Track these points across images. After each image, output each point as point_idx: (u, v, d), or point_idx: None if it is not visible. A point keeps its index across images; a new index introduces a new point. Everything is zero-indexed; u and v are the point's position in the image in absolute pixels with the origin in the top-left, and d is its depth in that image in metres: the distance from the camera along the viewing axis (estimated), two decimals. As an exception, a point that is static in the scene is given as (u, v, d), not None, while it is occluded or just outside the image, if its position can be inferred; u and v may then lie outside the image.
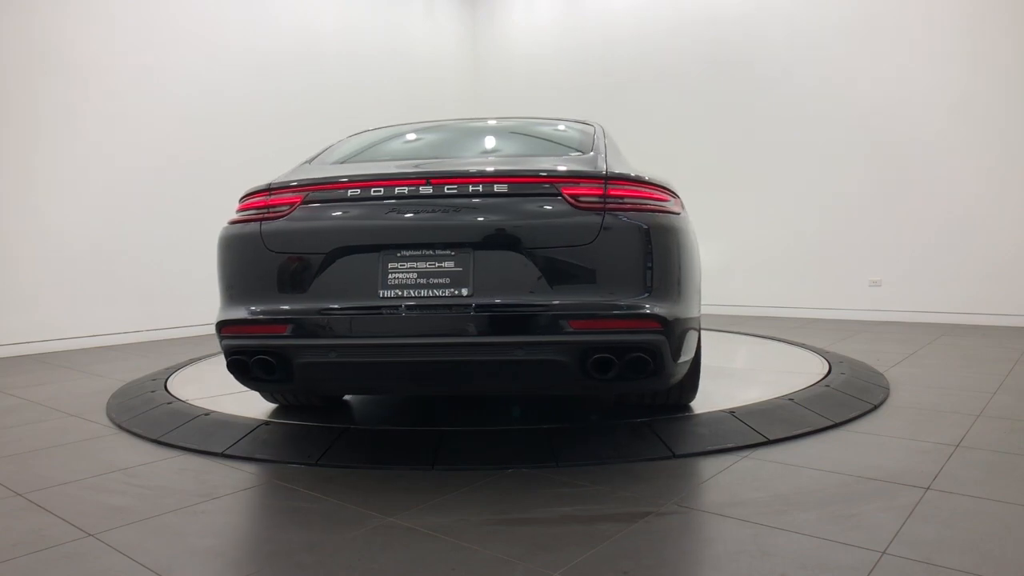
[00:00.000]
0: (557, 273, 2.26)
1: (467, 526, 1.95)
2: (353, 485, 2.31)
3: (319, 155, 3.01)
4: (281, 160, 3.89)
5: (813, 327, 6.20)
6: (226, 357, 2.46)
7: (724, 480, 2.28)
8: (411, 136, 3.28)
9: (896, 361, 4.38)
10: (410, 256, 2.31)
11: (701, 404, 2.99)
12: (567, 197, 2.29)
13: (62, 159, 5.69)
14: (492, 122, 3.39)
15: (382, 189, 2.36)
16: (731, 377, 3.65)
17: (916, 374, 3.98)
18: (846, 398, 3.20)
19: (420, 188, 2.34)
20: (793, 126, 7.16)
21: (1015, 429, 2.83)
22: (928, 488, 2.17)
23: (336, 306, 2.33)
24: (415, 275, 2.30)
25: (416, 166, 2.57)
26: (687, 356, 2.50)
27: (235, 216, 2.57)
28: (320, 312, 2.33)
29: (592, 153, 2.66)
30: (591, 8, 8.51)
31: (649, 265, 2.29)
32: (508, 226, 2.29)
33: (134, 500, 2.21)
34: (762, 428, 2.73)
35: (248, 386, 2.61)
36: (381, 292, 2.30)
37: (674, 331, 2.31)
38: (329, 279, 2.35)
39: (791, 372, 3.79)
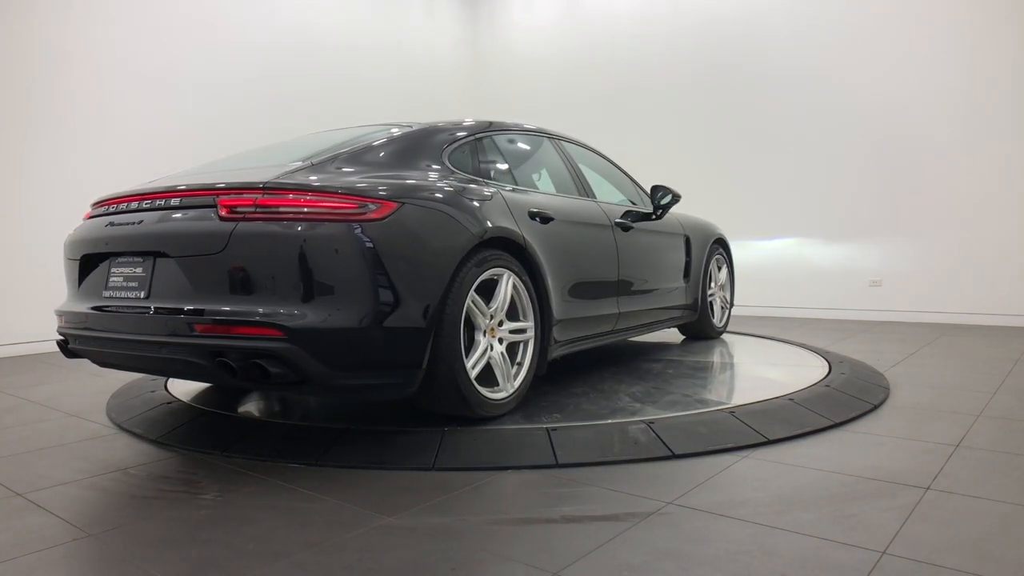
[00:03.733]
0: (200, 280, 2.41)
1: (467, 526, 1.95)
2: (353, 485, 2.31)
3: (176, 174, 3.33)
4: (281, 160, 3.88)
5: (813, 327, 6.20)
6: None
7: (724, 480, 2.28)
8: (233, 153, 3.50)
9: (896, 361, 4.38)
10: (122, 263, 2.67)
11: (701, 404, 2.99)
12: (220, 208, 2.41)
13: (59, 158, 5.70)
14: (319, 135, 3.42)
15: (116, 205, 2.78)
16: (731, 377, 3.65)
17: (916, 374, 3.98)
18: (846, 398, 3.20)
19: (132, 204, 2.70)
20: (793, 126, 7.16)
21: (1015, 429, 2.83)
22: (928, 488, 2.17)
23: (81, 303, 2.80)
24: (122, 279, 2.66)
25: (160, 182, 2.88)
26: (386, 367, 2.47)
27: None
28: (75, 308, 2.82)
29: (305, 162, 2.69)
30: (591, 8, 8.52)
31: (287, 273, 2.32)
32: (172, 236, 2.50)
33: (134, 500, 2.21)
34: (762, 428, 2.73)
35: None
36: (104, 293, 2.70)
37: (318, 340, 2.30)
38: (86, 281, 2.84)
39: (791, 372, 3.78)
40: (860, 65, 6.75)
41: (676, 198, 4.23)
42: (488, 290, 2.82)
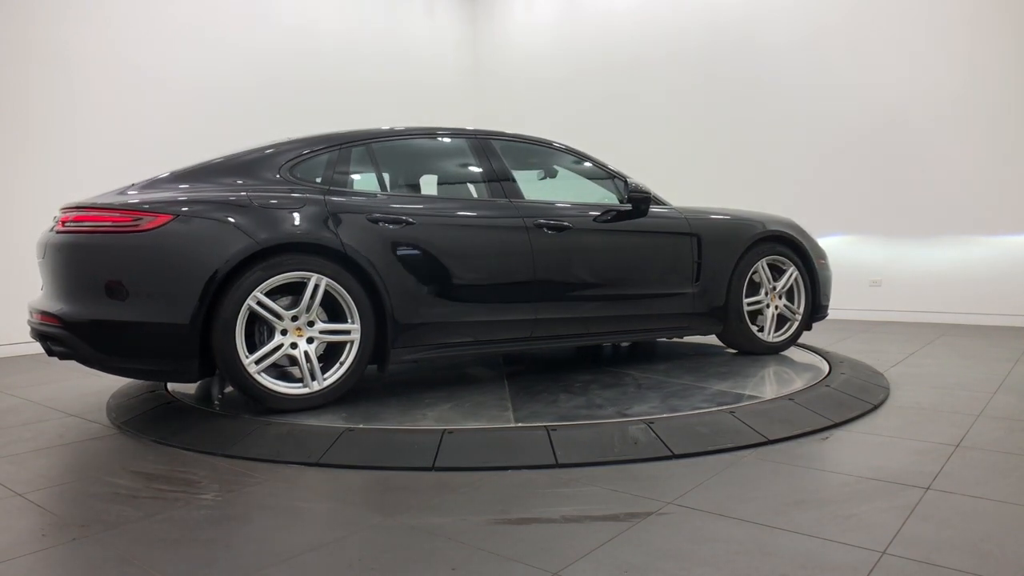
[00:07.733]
0: (44, 279, 3.12)
1: (467, 526, 1.95)
2: (353, 485, 2.31)
3: None
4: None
5: (813, 327, 6.19)
6: None
7: (724, 480, 2.28)
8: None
9: (896, 361, 4.38)
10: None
11: (701, 403, 2.99)
12: (58, 224, 3.00)
13: (59, 159, 5.69)
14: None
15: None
16: (731, 377, 3.65)
17: (916, 374, 3.98)
18: (846, 398, 3.20)
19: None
20: (793, 125, 7.15)
21: (1015, 429, 2.83)
22: (928, 488, 2.17)
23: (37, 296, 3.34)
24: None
25: None
26: (156, 356, 2.87)
27: None
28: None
29: (150, 180, 3.26)
30: (591, 8, 8.51)
31: (69, 274, 2.91)
32: (41, 245, 3.10)
33: (134, 500, 2.21)
34: (762, 428, 2.73)
35: None
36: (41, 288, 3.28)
37: (85, 330, 2.84)
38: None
39: (791, 372, 3.78)
40: (859, 66, 6.75)
41: (642, 193, 3.77)
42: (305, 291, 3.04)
